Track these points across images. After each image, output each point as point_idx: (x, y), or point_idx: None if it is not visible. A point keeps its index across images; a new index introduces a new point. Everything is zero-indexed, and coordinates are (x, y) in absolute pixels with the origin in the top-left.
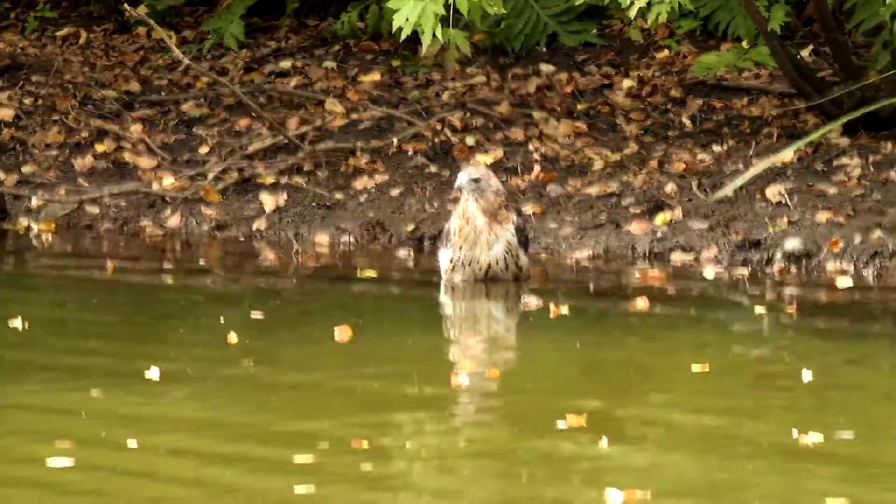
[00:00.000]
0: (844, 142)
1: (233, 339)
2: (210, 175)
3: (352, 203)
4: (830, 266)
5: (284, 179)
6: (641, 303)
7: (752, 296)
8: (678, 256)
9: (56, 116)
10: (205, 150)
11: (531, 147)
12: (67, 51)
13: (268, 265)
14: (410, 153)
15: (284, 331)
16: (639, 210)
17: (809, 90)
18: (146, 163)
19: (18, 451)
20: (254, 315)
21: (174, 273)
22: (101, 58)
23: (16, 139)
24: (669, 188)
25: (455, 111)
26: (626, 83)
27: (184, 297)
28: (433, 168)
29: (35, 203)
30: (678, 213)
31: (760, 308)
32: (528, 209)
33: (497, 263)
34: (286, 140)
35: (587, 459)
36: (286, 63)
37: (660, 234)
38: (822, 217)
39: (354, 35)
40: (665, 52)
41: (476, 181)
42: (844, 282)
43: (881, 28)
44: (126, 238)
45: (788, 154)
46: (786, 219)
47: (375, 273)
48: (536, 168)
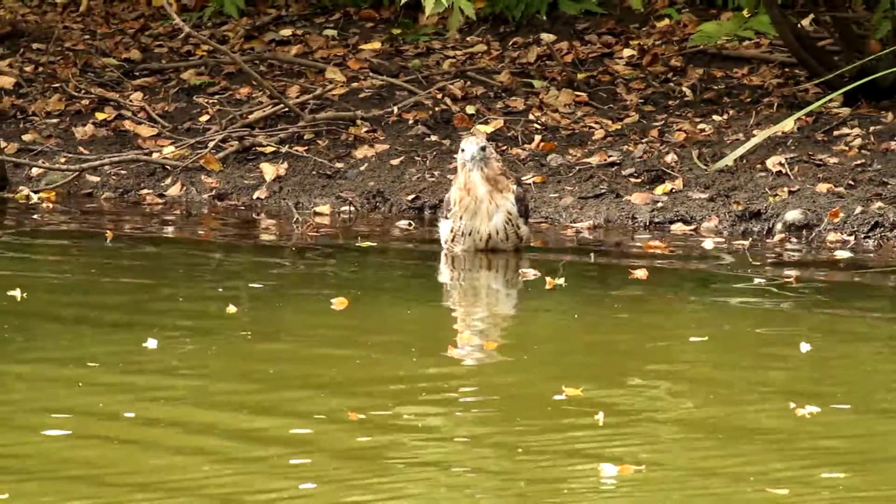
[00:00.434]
0: (845, 111)
1: (231, 310)
2: (210, 144)
3: (352, 172)
4: (831, 237)
5: (285, 148)
6: (641, 273)
7: (752, 266)
8: (679, 226)
9: (56, 84)
10: (205, 119)
11: (532, 116)
12: (68, 18)
13: (268, 234)
14: (411, 122)
15: (283, 301)
16: (639, 180)
17: (810, 60)
18: (146, 131)
19: (15, 422)
20: (253, 285)
21: (174, 242)
22: (102, 25)
23: (16, 107)
24: (670, 158)
25: (455, 80)
26: (627, 52)
27: (183, 267)
28: (434, 137)
29: (35, 171)
30: (678, 183)
31: (760, 279)
32: (529, 179)
33: (497, 233)
34: (287, 109)
35: (583, 433)
36: (286, 31)
37: (660, 204)
38: (823, 187)
39: (355, 3)
40: (665, 21)
41: (483, 149)
42: (843, 253)
43: None
44: (126, 207)
45: (789, 124)
46: (786, 189)
47: (375, 243)
48: (537, 137)
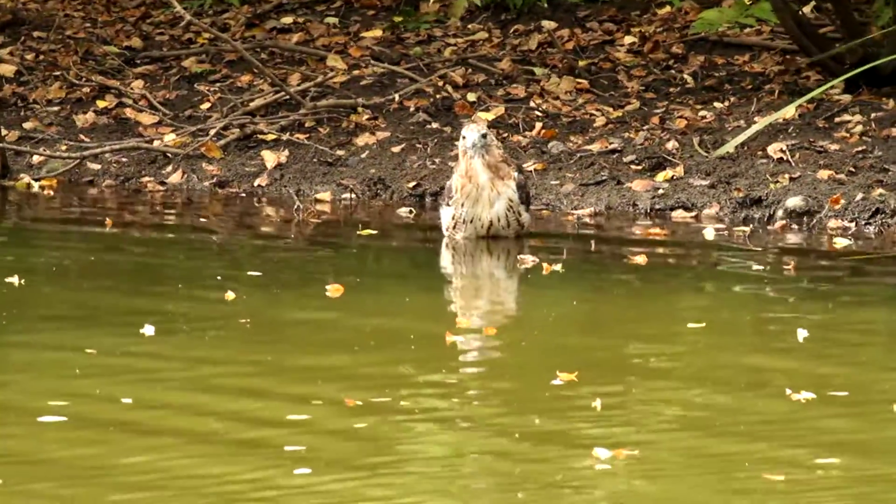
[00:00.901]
0: (846, 98)
1: (230, 297)
2: (211, 131)
3: (353, 159)
4: (832, 223)
5: (286, 136)
6: (640, 259)
7: (753, 253)
8: (679, 213)
9: (57, 72)
10: (206, 107)
11: (533, 103)
12: (69, 6)
13: (269, 222)
14: (412, 109)
15: (282, 288)
16: (640, 167)
17: (811, 46)
18: (147, 119)
19: (12, 408)
20: (252, 273)
21: (174, 230)
22: (103, 13)
23: (17, 95)
24: (671, 145)
25: (457, 67)
26: (628, 39)
27: (183, 254)
28: (435, 124)
29: (36, 159)
30: (679, 170)
31: (759, 266)
32: (530, 166)
33: (499, 221)
34: (288, 96)
35: (580, 418)
36: (288, 19)
37: (661, 191)
38: (824, 174)
39: None
40: (667, 8)
41: (484, 136)
42: (843, 240)
43: None
44: (127, 194)
45: (790, 111)
46: (787, 176)
47: (375, 231)
48: (538, 125)
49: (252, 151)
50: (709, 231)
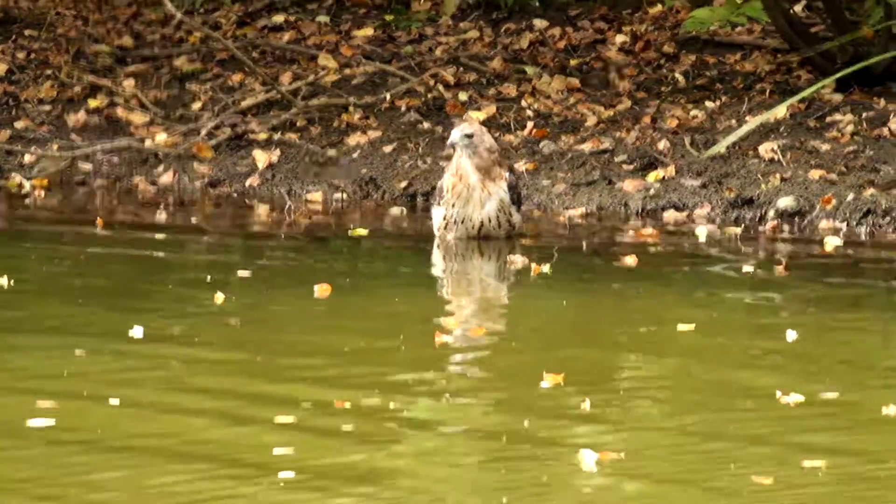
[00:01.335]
0: (837, 98)
1: (219, 298)
2: (203, 131)
3: (345, 159)
4: (823, 223)
5: (277, 135)
6: (630, 260)
7: (744, 254)
8: (671, 214)
9: (49, 71)
10: (197, 106)
11: (524, 103)
12: (60, 5)
13: (260, 222)
14: (403, 109)
15: (272, 289)
16: (632, 167)
17: (803, 45)
18: (139, 119)
19: None
20: (242, 273)
21: (165, 230)
22: (94, 12)
23: (8, 94)
24: (662, 145)
25: (448, 66)
26: (619, 38)
27: (173, 255)
28: (426, 124)
29: (28, 159)
30: (671, 170)
31: (750, 266)
32: (521, 166)
33: (490, 221)
34: (279, 95)
35: (567, 419)
36: (279, 17)
37: (652, 192)
38: (815, 174)
39: None
40: (658, 7)
41: (469, 136)
42: (833, 241)
43: None
44: (119, 194)
45: (781, 110)
46: (778, 176)
47: (366, 231)
48: (529, 124)
49: (243, 151)
50: (700, 231)
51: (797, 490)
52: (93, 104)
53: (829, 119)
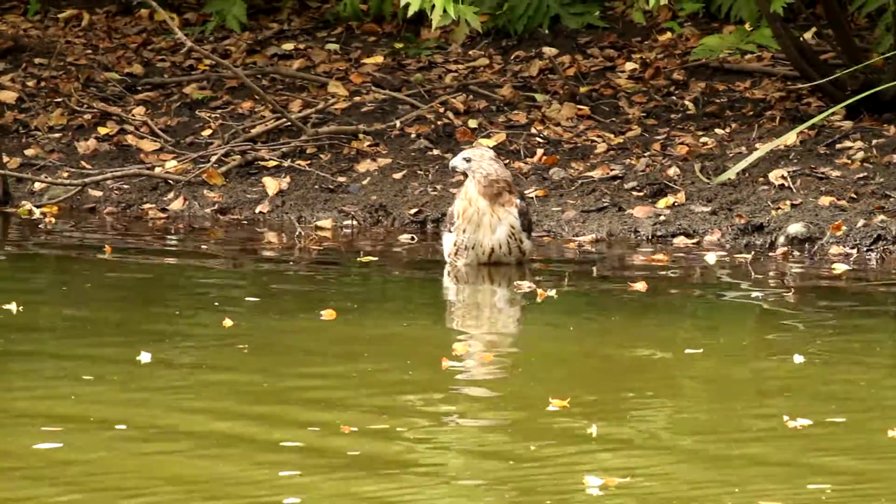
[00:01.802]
0: (847, 125)
1: (228, 323)
2: (213, 158)
3: (354, 186)
4: (833, 250)
5: (287, 162)
6: (640, 286)
7: (753, 279)
8: (681, 240)
9: (59, 99)
10: (207, 133)
11: (534, 130)
12: (70, 33)
13: (270, 249)
14: (413, 136)
15: (280, 315)
16: (642, 193)
17: (812, 73)
18: (149, 146)
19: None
20: (251, 299)
21: (175, 256)
22: (104, 40)
23: (19, 122)
24: (672, 171)
25: (458, 94)
26: (629, 66)
27: (183, 281)
28: (436, 151)
29: (38, 186)
30: (681, 197)
31: (760, 292)
32: (531, 192)
33: (500, 247)
34: (289, 123)
35: (574, 445)
36: (289, 45)
37: (663, 218)
38: (825, 200)
39: (357, 17)
40: (668, 35)
41: (467, 161)
42: (842, 267)
43: (884, 10)
44: (129, 221)
45: (791, 137)
46: (788, 202)
47: (376, 257)
48: (539, 151)
49: (253, 178)
50: (710, 257)
51: None
52: (103, 131)
53: (839, 146)
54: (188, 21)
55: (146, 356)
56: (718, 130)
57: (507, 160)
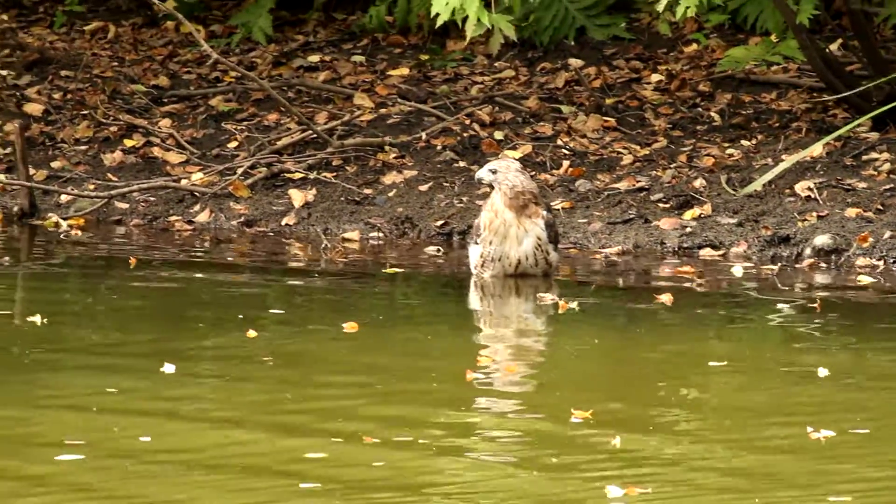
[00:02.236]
0: (873, 136)
1: (252, 335)
2: (239, 170)
3: (380, 198)
4: (860, 261)
5: (313, 175)
6: (666, 298)
7: (780, 291)
8: (707, 252)
9: (85, 111)
10: (233, 145)
11: (560, 142)
12: (96, 45)
13: (296, 261)
14: (439, 148)
15: (305, 327)
16: (668, 205)
17: (838, 84)
18: (175, 158)
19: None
20: (276, 311)
21: (200, 268)
22: (130, 52)
23: (45, 134)
24: (698, 183)
25: (483, 105)
26: (655, 77)
27: (208, 293)
28: (462, 163)
29: (64, 198)
30: (707, 209)
31: (786, 304)
32: (557, 204)
33: (527, 259)
34: (315, 135)
35: (597, 455)
36: (314, 57)
37: (689, 230)
38: (852, 212)
39: (383, 29)
40: (693, 46)
41: (493, 172)
42: (867, 279)
43: None
44: (155, 233)
45: (817, 149)
46: (815, 214)
47: (402, 269)
48: (565, 163)
49: (279, 190)
50: (737, 269)
51: None
52: (129, 144)
53: (866, 157)
54: (214, 33)
55: (170, 367)
56: (744, 142)
57: (533, 172)
